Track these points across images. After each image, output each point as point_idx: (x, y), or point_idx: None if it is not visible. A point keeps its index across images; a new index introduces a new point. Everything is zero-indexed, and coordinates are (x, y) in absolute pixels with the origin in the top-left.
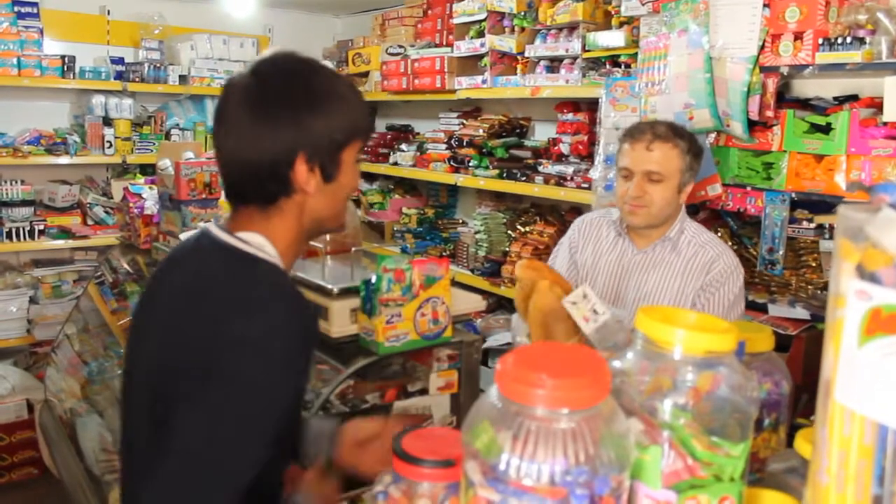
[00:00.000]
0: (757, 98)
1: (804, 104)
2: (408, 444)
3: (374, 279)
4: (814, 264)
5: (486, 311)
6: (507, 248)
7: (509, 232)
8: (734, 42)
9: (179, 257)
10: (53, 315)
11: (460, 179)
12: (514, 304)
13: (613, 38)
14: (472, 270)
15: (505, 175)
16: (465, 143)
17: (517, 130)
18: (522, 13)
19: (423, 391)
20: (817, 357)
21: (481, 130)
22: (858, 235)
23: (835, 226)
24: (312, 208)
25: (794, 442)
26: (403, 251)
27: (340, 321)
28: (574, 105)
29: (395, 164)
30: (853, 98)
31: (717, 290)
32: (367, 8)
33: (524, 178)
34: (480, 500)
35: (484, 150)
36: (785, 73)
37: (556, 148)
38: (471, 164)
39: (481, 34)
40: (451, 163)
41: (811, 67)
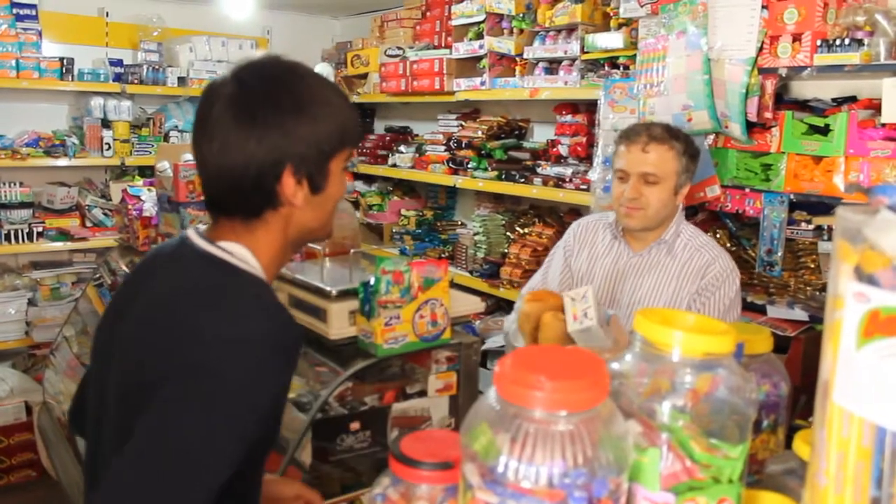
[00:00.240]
0: (755, 99)
1: (803, 106)
2: (406, 446)
3: (372, 281)
4: (812, 266)
5: (485, 313)
6: (505, 250)
7: (508, 233)
8: (733, 44)
9: (157, 266)
10: (52, 317)
11: (459, 181)
12: (511, 306)
13: (612, 40)
14: (470, 272)
15: (503, 177)
16: (463, 145)
17: (516, 132)
18: (521, 15)
19: (422, 393)
20: (816, 359)
21: (480, 132)
22: (857, 237)
23: (833, 227)
24: (299, 221)
25: (792, 444)
26: (402, 253)
27: (339, 323)
28: (573, 107)
29: (394, 165)
30: (851, 99)
31: (713, 294)
32: (365, 10)
33: (523, 180)
34: (479, 502)
35: (483, 152)
36: (783, 75)
37: (554, 149)
38: (469, 165)
39: (480, 36)
40: (450, 164)
41: (809, 69)
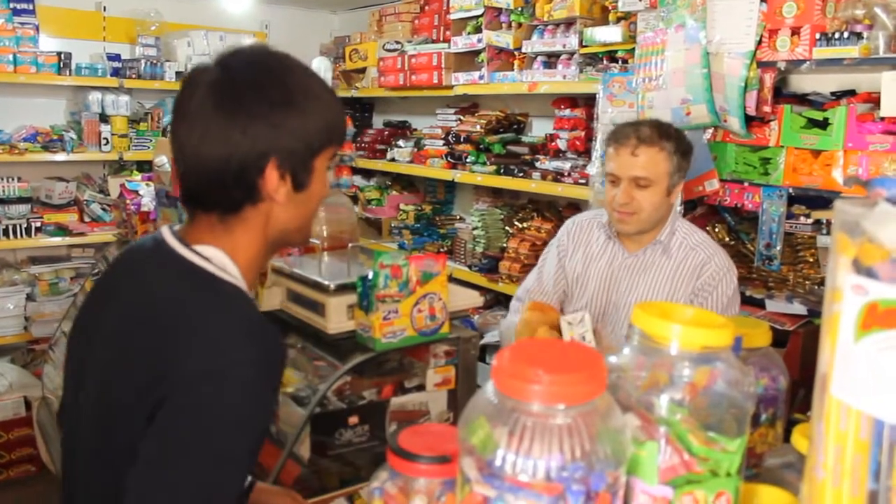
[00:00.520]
0: (754, 93)
1: (801, 99)
2: (404, 440)
3: (370, 275)
4: (811, 259)
5: (484, 308)
6: (504, 244)
7: (507, 228)
8: (731, 37)
9: (131, 269)
10: (51, 312)
11: (458, 175)
12: (510, 301)
13: (610, 34)
14: (469, 266)
15: (502, 171)
16: (462, 139)
17: (514, 126)
18: (519, 9)
19: (420, 387)
20: (815, 352)
21: (478, 126)
22: (855, 230)
23: (832, 221)
24: (279, 219)
25: (790, 437)
26: (401, 247)
27: (337, 317)
28: (571, 101)
29: (393, 160)
30: (850, 93)
31: (711, 293)
32: (363, 4)
33: (521, 174)
34: (476, 496)
35: (481, 146)
36: (782, 69)
37: (553, 144)
38: (468, 160)
39: (478, 30)
40: (449, 159)
41: (808, 62)
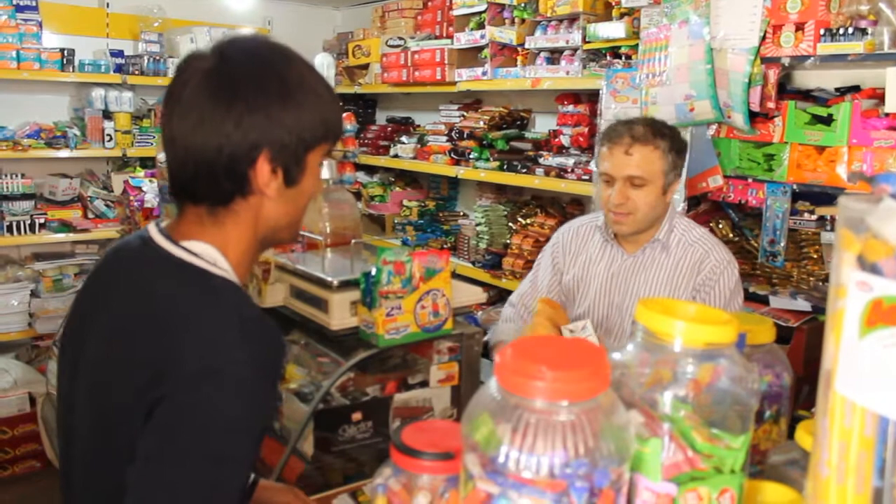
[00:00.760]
0: (758, 89)
1: (806, 95)
2: (407, 436)
3: (373, 271)
4: (815, 256)
5: (487, 304)
6: (508, 241)
7: (510, 224)
8: (735, 33)
9: (119, 269)
10: (55, 309)
11: (461, 172)
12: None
13: (614, 30)
14: (473, 263)
15: (505, 167)
16: (465, 136)
17: (518, 122)
18: (522, 4)
19: (424, 383)
20: (819, 349)
21: (482, 122)
22: (859, 226)
23: (836, 217)
24: (269, 215)
25: (795, 434)
26: (404, 244)
27: (340, 314)
28: (574, 97)
29: (396, 156)
30: (855, 89)
31: (713, 287)
32: (367, 0)
33: (525, 170)
34: (480, 492)
35: (484, 142)
36: (786, 64)
37: (556, 140)
38: (471, 156)
39: (481, 26)
40: (452, 155)
41: (813, 58)
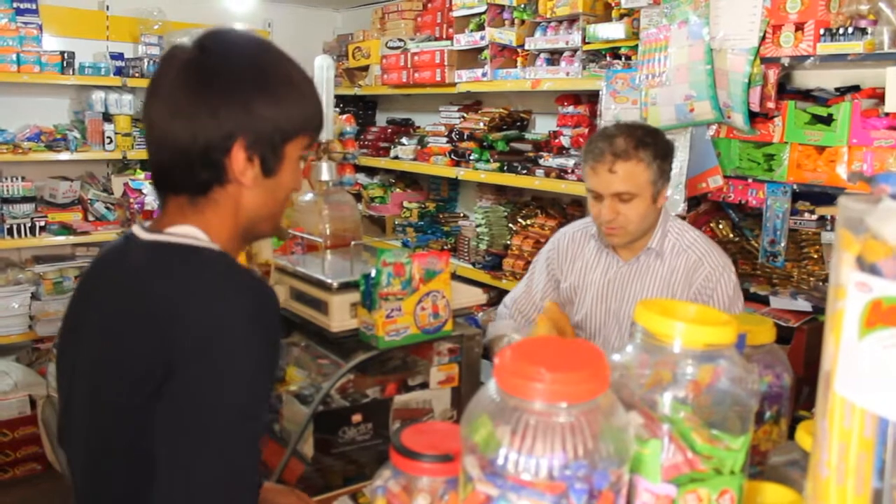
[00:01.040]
0: (758, 89)
1: (805, 95)
2: (407, 438)
3: (373, 273)
4: (815, 256)
5: (487, 305)
6: (508, 242)
7: (510, 225)
8: (735, 33)
9: (106, 268)
10: (55, 311)
11: (461, 173)
12: None
13: (614, 30)
14: (473, 264)
15: (506, 168)
16: (465, 137)
17: (518, 123)
18: (522, 5)
19: (424, 385)
20: (819, 349)
21: (482, 124)
22: (859, 226)
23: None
24: (248, 205)
25: (795, 434)
26: (404, 245)
27: (340, 316)
28: (574, 98)
29: (396, 157)
30: (855, 89)
31: (711, 295)
32: (366, 1)
33: (525, 172)
34: (479, 494)
35: (484, 144)
36: (786, 64)
37: (556, 141)
38: (471, 157)
39: (481, 27)
40: (452, 156)
41: (812, 58)
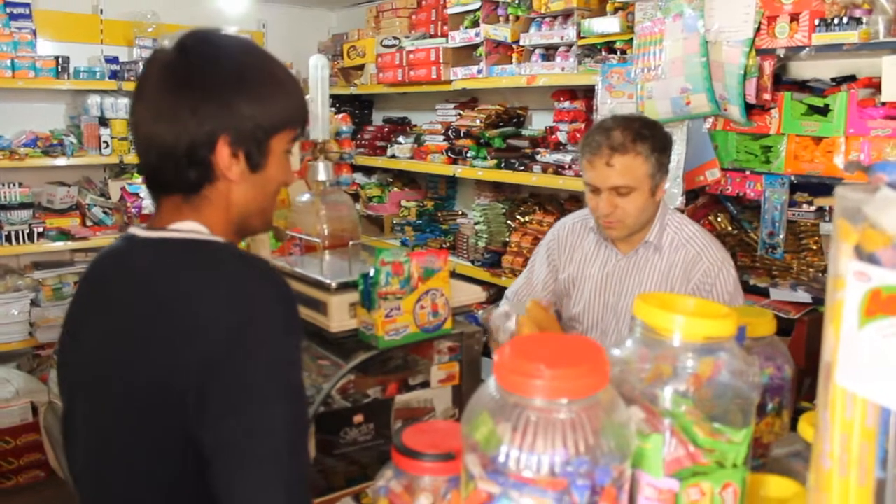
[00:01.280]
0: (754, 81)
1: (802, 86)
2: (408, 438)
3: (372, 273)
4: (815, 247)
5: (487, 302)
6: (507, 239)
7: (509, 222)
8: (730, 25)
9: (107, 272)
10: (55, 317)
11: (458, 170)
12: None
13: (608, 25)
14: (472, 262)
15: (503, 165)
16: (462, 134)
17: (514, 120)
18: (516, 1)
19: (425, 384)
20: (820, 340)
21: (478, 121)
22: (857, 216)
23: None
24: (238, 200)
25: (797, 426)
26: (403, 244)
27: (339, 316)
28: (570, 93)
29: (393, 156)
30: (851, 79)
31: (711, 289)
32: (361, 0)
33: (522, 168)
34: (481, 492)
35: (481, 141)
36: (782, 55)
37: (553, 136)
38: (469, 154)
39: (476, 24)
40: (449, 154)
41: (808, 49)
